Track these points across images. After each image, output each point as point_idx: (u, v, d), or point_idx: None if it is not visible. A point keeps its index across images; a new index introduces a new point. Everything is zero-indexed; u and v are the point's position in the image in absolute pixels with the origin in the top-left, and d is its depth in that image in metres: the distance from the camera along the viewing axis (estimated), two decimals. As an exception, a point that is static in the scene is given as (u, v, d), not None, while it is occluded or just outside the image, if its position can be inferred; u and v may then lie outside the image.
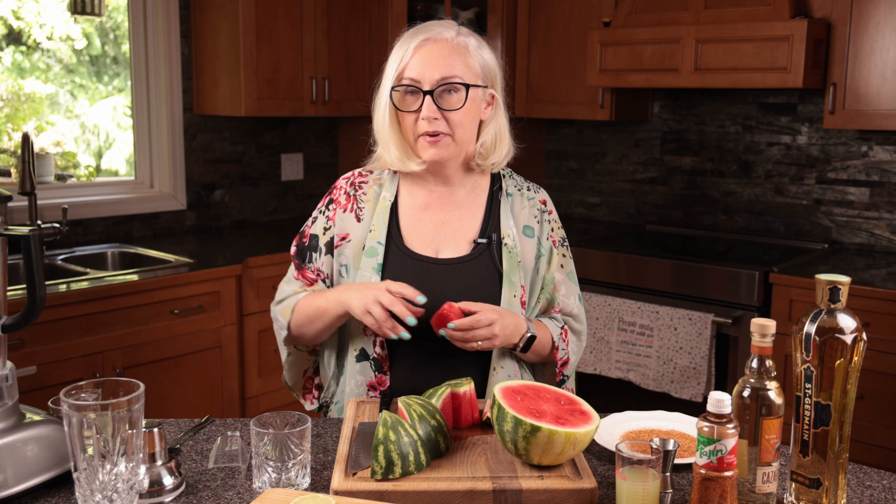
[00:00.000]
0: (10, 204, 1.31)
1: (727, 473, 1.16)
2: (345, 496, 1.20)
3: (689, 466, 1.38)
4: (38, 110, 3.50)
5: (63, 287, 2.70)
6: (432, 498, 1.22)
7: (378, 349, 1.64)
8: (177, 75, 3.56)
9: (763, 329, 1.21)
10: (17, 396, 1.33)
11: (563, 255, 1.74)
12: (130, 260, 3.25)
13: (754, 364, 1.22)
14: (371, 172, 1.78)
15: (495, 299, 1.63)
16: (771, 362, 1.22)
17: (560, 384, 1.73)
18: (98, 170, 3.70)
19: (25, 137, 2.75)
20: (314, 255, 1.72)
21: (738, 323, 3.04)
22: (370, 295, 1.51)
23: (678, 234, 3.84)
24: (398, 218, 1.70)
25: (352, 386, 1.66)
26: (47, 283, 2.67)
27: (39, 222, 2.96)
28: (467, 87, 1.58)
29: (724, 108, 3.75)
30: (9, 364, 1.32)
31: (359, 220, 1.69)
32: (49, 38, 3.53)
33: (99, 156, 3.77)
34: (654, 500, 1.19)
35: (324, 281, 1.71)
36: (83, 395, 1.18)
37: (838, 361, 1.17)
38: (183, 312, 2.95)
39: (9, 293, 1.44)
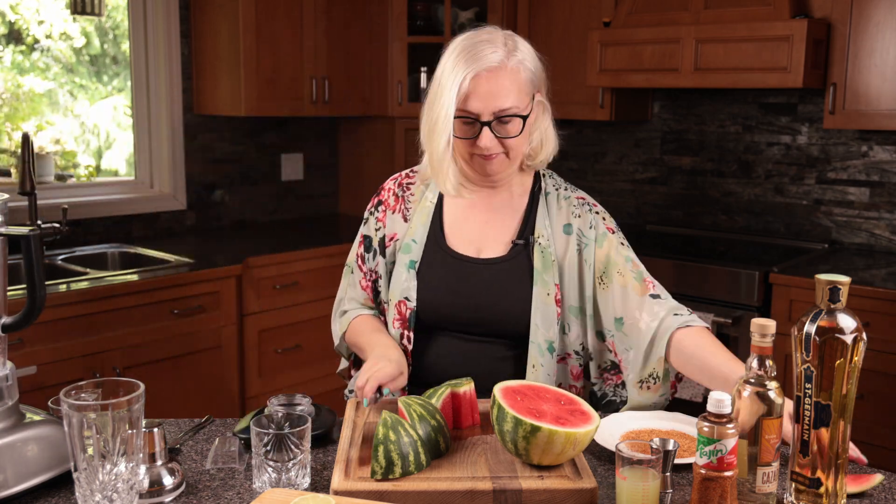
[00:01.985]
0: (10, 204, 1.30)
1: (727, 473, 1.16)
2: (345, 496, 1.20)
3: (689, 466, 1.38)
4: (37, 109, 3.50)
5: (63, 287, 2.70)
6: (432, 498, 1.21)
7: (404, 342, 1.70)
8: (177, 75, 3.56)
9: (763, 329, 1.21)
10: (17, 396, 1.33)
11: (622, 244, 1.71)
12: (130, 260, 3.25)
13: (754, 364, 1.22)
14: (416, 173, 1.81)
15: (528, 298, 1.66)
16: (771, 362, 1.22)
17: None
18: (98, 170, 3.70)
19: (25, 137, 2.75)
20: (368, 256, 1.80)
21: (738, 323, 3.03)
22: (365, 371, 1.54)
23: (678, 234, 3.84)
24: (442, 217, 1.75)
25: None
26: (47, 283, 2.67)
27: (39, 222, 2.95)
28: (524, 117, 1.60)
29: (724, 108, 3.75)
30: (9, 364, 1.32)
31: (405, 220, 1.76)
32: (48, 37, 3.53)
33: (99, 156, 3.77)
34: (654, 500, 1.19)
35: (376, 282, 1.79)
36: (83, 395, 1.18)
37: (838, 361, 1.17)
38: (183, 312, 2.95)
39: (9, 293, 1.44)
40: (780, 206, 3.64)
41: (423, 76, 4.01)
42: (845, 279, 1.19)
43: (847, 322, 1.18)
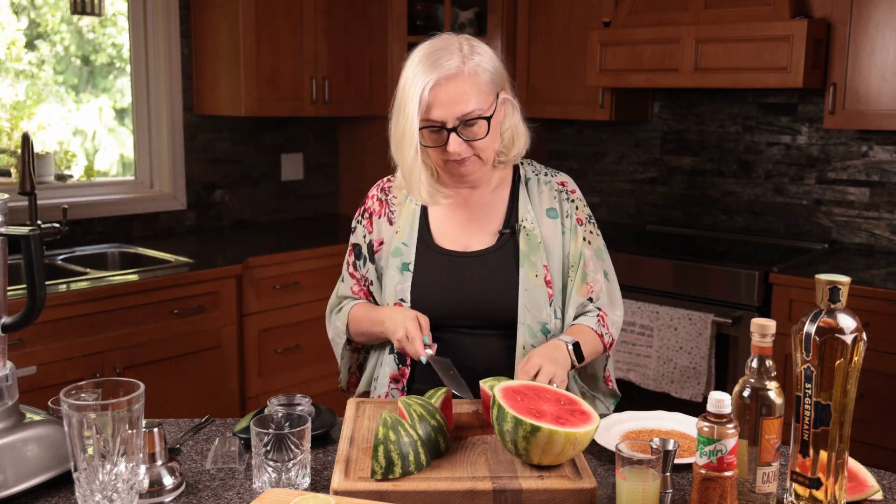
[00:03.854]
0: (10, 204, 1.30)
1: (727, 473, 1.16)
2: (345, 496, 1.20)
3: (689, 466, 1.38)
4: (31, 112, 3.49)
5: (63, 287, 2.70)
6: (432, 498, 1.22)
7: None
8: (177, 75, 3.56)
9: (763, 329, 1.21)
10: (17, 396, 1.33)
11: (591, 232, 1.76)
12: (130, 260, 3.25)
13: (754, 364, 1.22)
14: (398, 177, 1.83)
15: (517, 283, 1.68)
16: (771, 362, 1.22)
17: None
18: (89, 171, 3.69)
19: (25, 137, 2.75)
20: (359, 263, 1.83)
21: (738, 323, 3.04)
22: (399, 320, 1.63)
23: (678, 234, 3.84)
24: (428, 219, 1.77)
25: (381, 377, 1.78)
26: (47, 283, 2.67)
27: (39, 222, 2.96)
28: (488, 118, 1.61)
29: (724, 108, 3.75)
30: (9, 364, 1.32)
31: (391, 223, 1.79)
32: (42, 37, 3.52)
33: (88, 158, 3.76)
34: (654, 500, 1.19)
35: (369, 287, 1.82)
36: (83, 395, 1.18)
37: (838, 361, 1.17)
38: (183, 312, 2.95)
39: (9, 293, 1.44)
40: (780, 206, 3.64)
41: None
42: (845, 279, 1.19)
43: (847, 322, 1.18)
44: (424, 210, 1.78)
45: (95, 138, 3.73)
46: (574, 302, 1.73)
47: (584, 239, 1.74)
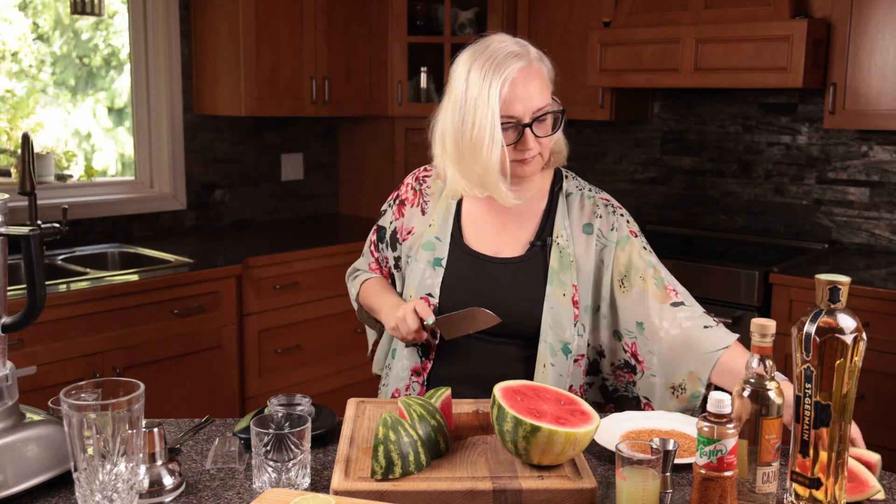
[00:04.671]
0: (10, 204, 1.30)
1: (727, 473, 1.16)
2: (345, 496, 1.20)
3: (689, 466, 1.38)
4: (26, 111, 3.49)
5: (63, 287, 2.70)
6: (432, 498, 1.22)
7: (430, 336, 1.71)
8: (177, 75, 3.56)
9: (763, 329, 1.21)
10: (17, 396, 1.33)
11: (644, 248, 1.71)
12: (130, 260, 3.25)
13: (754, 364, 1.22)
14: (436, 167, 1.80)
15: (542, 298, 1.66)
16: (771, 362, 1.22)
17: None
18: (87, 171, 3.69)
19: (25, 137, 2.75)
20: (381, 245, 1.85)
21: (738, 323, 3.03)
22: (398, 315, 1.64)
23: (678, 234, 3.84)
24: (461, 216, 1.76)
25: (398, 370, 1.75)
26: (47, 283, 2.67)
27: (39, 222, 2.96)
28: (561, 113, 1.61)
29: (724, 108, 3.75)
30: (9, 364, 1.32)
31: (423, 213, 1.78)
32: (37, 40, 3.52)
33: (87, 158, 3.76)
34: (654, 500, 1.19)
35: (389, 269, 1.85)
36: (83, 395, 1.18)
37: (838, 361, 1.17)
38: (183, 312, 2.95)
39: (9, 293, 1.44)
40: (780, 206, 3.64)
41: (423, 76, 4.01)
42: (845, 279, 1.19)
43: (847, 322, 1.17)
44: (459, 208, 1.76)
45: (91, 139, 3.73)
46: (655, 309, 1.66)
47: (645, 248, 1.70)
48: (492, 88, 1.54)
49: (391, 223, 1.83)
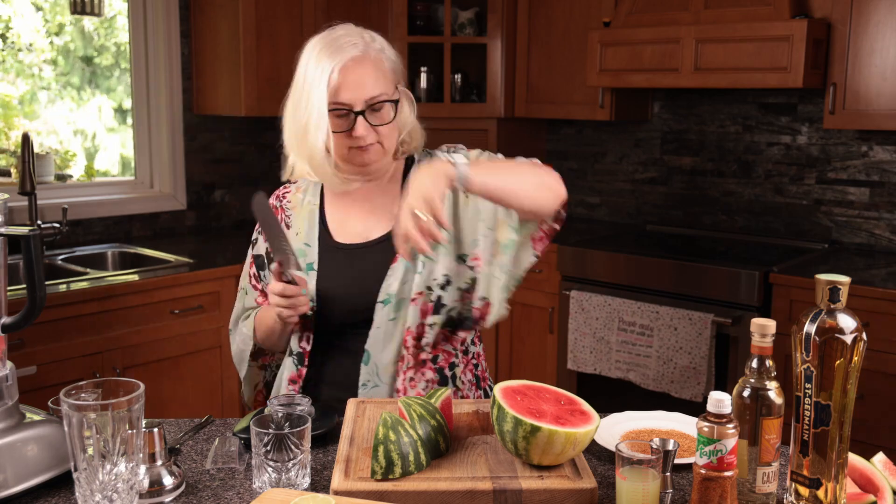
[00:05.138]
0: (10, 204, 1.31)
1: (727, 473, 1.16)
2: (345, 496, 1.20)
3: (689, 466, 1.38)
4: (28, 112, 3.49)
5: (63, 287, 2.70)
6: (432, 498, 1.21)
7: (303, 343, 1.71)
8: (177, 75, 3.56)
9: (763, 329, 1.21)
10: (17, 396, 1.33)
11: (479, 156, 1.68)
12: (130, 260, 3.25)
13: (754, 364, 1.22)
14: (293, 183, 1.86)
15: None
16: (771, 362, 1.22)
17: None
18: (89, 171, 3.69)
19: (25, 137, 2.75)
20: (262, 273, 1.81)
21: (738, 323, 3.03)
22: (272, 301, 1.59)
23: (678, 234, 3.84)
24: (326, 219, 1.75)
25: (282, 381, 1.74)
26: (47, 283, 2.67)
27: (39, 222, 2.96)
28: (395, 102, 1.62)
29: (724, 108, 3.75)
30: (9, 364, 1.32)
31: (289, 227, 1.77)
32: (33, 43, 3.52)
33: (89, 157, 3.76)
34: (654, 500, 1.19)
35: None
36: (83, 395, 1.18)
37: (838, 361, 1.17)
38: (183, 312, 2.95)
39: (9, 293, 1.44)
40: (780, 206, 3.64)
41: (424, 76, 4.01)
42: (845, 279, 1.19)
43: (847, 322, 1.17)
44: (322, 209, 1.76)
45: (96, 139, 3.73)
46: (512, 226, 1.62)
47: (480, 156, 1.67)
48: (323, 74, 1.57)
49: (265, 248, 1.80)
